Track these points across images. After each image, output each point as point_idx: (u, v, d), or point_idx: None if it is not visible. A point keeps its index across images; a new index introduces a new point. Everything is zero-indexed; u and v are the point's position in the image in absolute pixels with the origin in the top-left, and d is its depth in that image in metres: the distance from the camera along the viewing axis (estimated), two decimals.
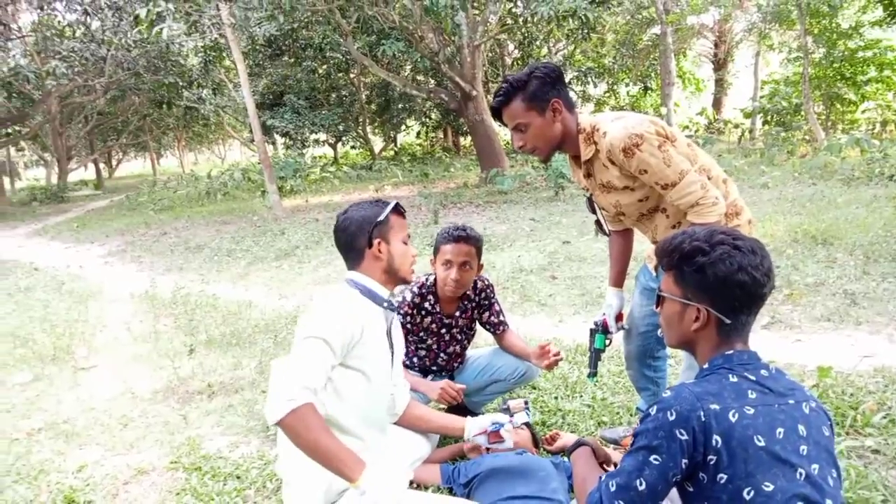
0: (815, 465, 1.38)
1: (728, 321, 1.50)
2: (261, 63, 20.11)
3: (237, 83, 16.66)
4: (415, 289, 2.74)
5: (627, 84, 22.34)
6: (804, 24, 13.53)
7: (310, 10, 11.38)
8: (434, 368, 2.89)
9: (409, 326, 2.75)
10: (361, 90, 23.11)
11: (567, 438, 2.64)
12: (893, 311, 4.01)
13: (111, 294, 6.50)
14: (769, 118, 17.19)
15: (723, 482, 1.35)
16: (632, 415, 2.95)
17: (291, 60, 20.13)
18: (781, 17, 15.68)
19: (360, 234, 1.97)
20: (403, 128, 26.74)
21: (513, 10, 13.37)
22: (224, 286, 6.54)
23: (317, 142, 24.79)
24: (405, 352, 2.87)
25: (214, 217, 12.14)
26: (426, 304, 2.75)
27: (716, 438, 1.36)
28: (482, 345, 3.77)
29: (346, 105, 22.62)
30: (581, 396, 3.17)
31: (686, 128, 19.94)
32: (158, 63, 17.21)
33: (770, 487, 1.33)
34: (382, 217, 1.96)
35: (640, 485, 1.40)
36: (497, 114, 2.14)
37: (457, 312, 2.81)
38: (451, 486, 2.29)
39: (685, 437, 1.37)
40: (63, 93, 18.57)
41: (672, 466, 1.38)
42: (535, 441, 2.61)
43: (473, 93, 12.57)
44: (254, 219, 11.33)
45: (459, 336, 2.86)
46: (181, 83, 18.15)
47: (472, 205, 10.94)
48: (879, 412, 2.69)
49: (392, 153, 26.39)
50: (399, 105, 22.39)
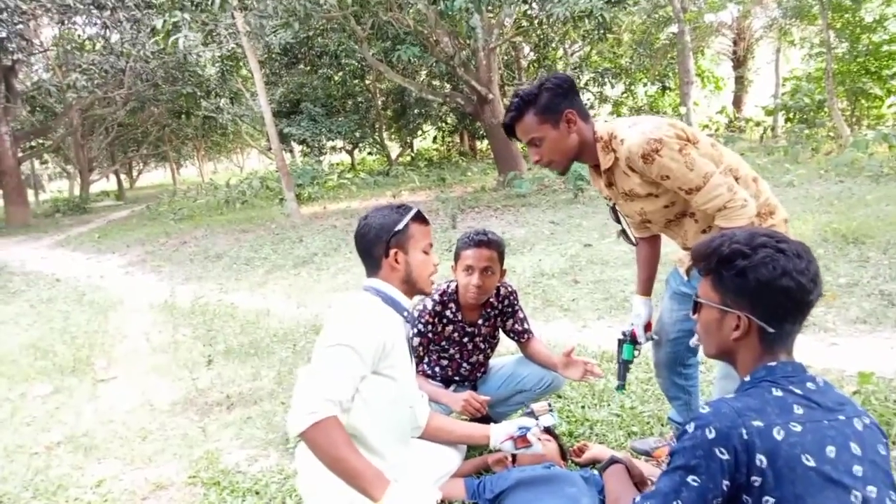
0: (872, 488, 1.27)
1: (771, 330, 1.40)
2: (277, 71, 20.23)
3: (254, 92, 16.72)
4: (436, 296, 2.65)
5: (645, 84, 22.07)
6: (826, 19, 13.26)
7: (325, 17, 11.40)
8: (456, 379, 2.80)
9: (431, 336, 2.66)
10: (377, 96, 23.13)
11: (596, 450, 2.54)
12: None
13: (131, 304, 6.51)
14: (791, 115, 16.88)
15: None
16: (663, 424, 2.84)
17: (307, 68, 20.21)
18: (802, 13, 15.41)
19: (378, 243, 1.89)
20: (420, 133, 26.69)
21: (528, 12, 13.27)
22: (242, 295, 6.52)
23: (334, 149, 24.87)
24: (427, 361, 2.80)
25: (233, 225, 12.18)
26: (447, 313, 2.67)
27: (760, 458, 1.25)
28: (504, 352, 3.68)
29: (363, 111, 22.66)
30: (609, 405, 3.07)
31: (706, 127, 19.65)
32: (176, 73, 17.41)
33: None
34: (401, 226, 1.89)
35: None
36: (510, 130, 2.09)
37: (479, 320, 2.72)
38: (477, 502, 2.20)
39: (726, 457, 1.27)
40: (84, 105, 18.83)
41: (712, 488, 1.28)
42: (563, 453, 2.52)
43: (489, 96, 12.49)
44: (272, 226, 11.34)
45: (483, 345, 2.77)
46: (199, 93, 18.33)
47: (491, 209, 10.85)
48: None
49: (409, 158, 26.37)
50: (415, 110, 22.37)
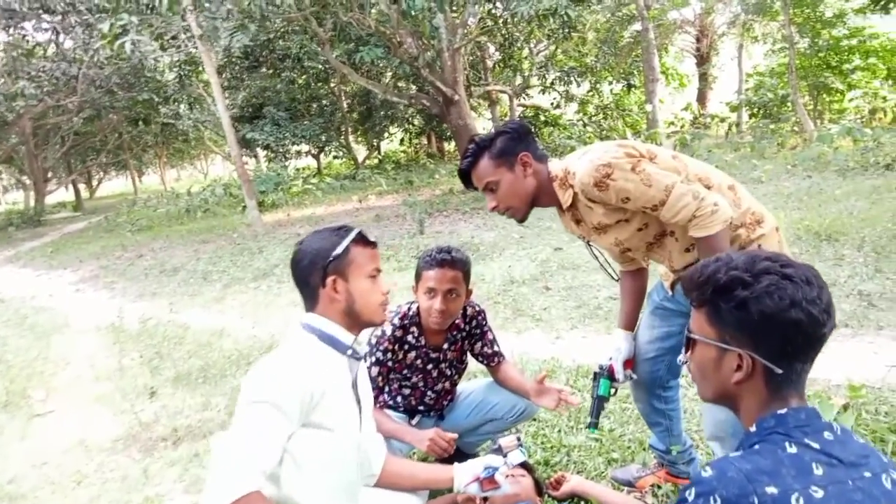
0: None
1: (779, 371, 1.17)
2: (238, 75, 19.70)
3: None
4: (395, 320, 2.39)
5: (611, 82, 22.07)
6: (788, 14, 13.35)
7: (283, 19, 11.03)
8: (421, 408, 2.55)
9: (391, 364, 2.40)
10: (342, 99, 22.72)
11: (574, 482, 2.30)
12: None
13: (78, 326, 6.10)
14: (755, 111, 17.01)
15: None
16: (645, 449, 2.63)
17: (270, 72, 19.73)
18: (764, 8, 15.50)
19: (314, 270, 1.62)
20: (386, 135, 26.33)
21: (492, 11, 13.08)
22: (197, 312, 6.16)
23: (299, 153, 24.38)
24: (388, 390, 2.54)
25: (193, 236, 11.73)
26: (409, 338, 2.41)
27: None
28: (475, 370, 3.45)
29: (328, 115, 22.22)
30: (587, 429, 2.84)
31: (671, 124, 19.72)
32: (132, 79, 16.78)
33: None
34: (340, 250, 1.62)
35: None
36: (466, 176, 2.01)
37: (445, 345, 2.47)
38: None
39: None
40: (35, 114, 18.08)
41: None
42: (539, 488, 2.28)
43: (455, 97, 12.26)
44: (234, 236, 10.94)
45: (448, 371, 2.52)
46: (157, 99, 17.71)
47: (459, 212, 10.62)
48: None
49: (376, 161, 25.99)
50: (381, 112, 21.99)
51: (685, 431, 2.43)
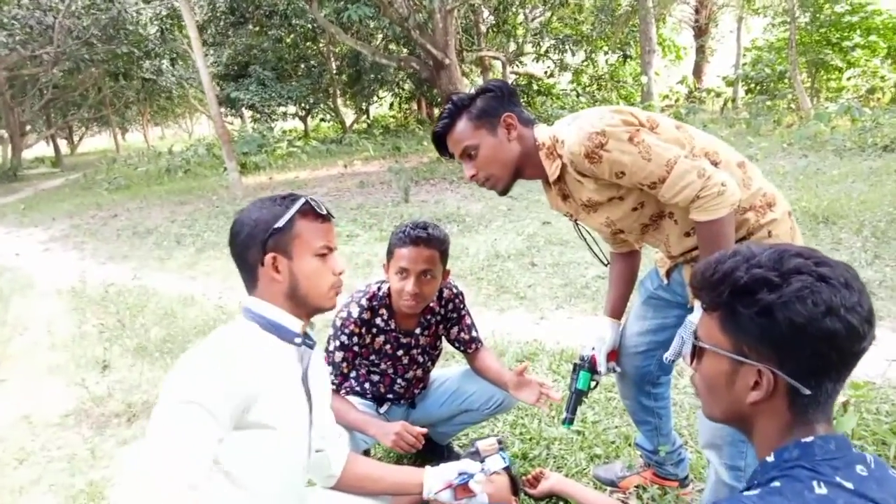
0: None
1: (807, 391, 0.95)
2: (223, 31, 19.06)
3: None
4: (363, 301, 2.16)
5: (606, 52, 21.63)
6: None
7: None
8: (390, 397, 2.34)
9: (357, 349, 2.17)
10: (331, 60, 22.12)
11: (553, 480, 2.10)
12: None
13: (42, 288, 5.81)
14: (752, 86, 16.72)
15: None
16: (630, 445, 2.45)
17: (256, 29, 19.13)
18: None
19: (252, 245, 1.37)
20: (375, 99, 25.75)
21: None
22: (167, 277, 5.88)
23: (286, 115, 23.83)
24: (355, 376, 2.32)
25: (171, 197, 11.37)
26: (378, 321, 2.18)
27: None
28: (449, 355, 3.25)
29: (316, 76, 21.65)
30: (562, 424, 2.65)
31: (666, 97, 19.39)
32: (111, 31, 16.13)
33: None
34: (283, 222, 1.36)
35: None
36: (441, 141, 1.76)
37: (417, 329, 2.24)
38: None
39: None
40: (9, 64, 17.39)
41: None
42: (515, 487, 2.08)
43: (446, 61, 11.87)
44: (212, 199, 10.60)
45: (421, 358, 2.30)
46: (137, 53, 17.08)
47: (446, 181, 10.34)
48: None
49: (364, 126, 25.46)
50: (370, 76, 21.42)
51: (674, 430, 2.24)
